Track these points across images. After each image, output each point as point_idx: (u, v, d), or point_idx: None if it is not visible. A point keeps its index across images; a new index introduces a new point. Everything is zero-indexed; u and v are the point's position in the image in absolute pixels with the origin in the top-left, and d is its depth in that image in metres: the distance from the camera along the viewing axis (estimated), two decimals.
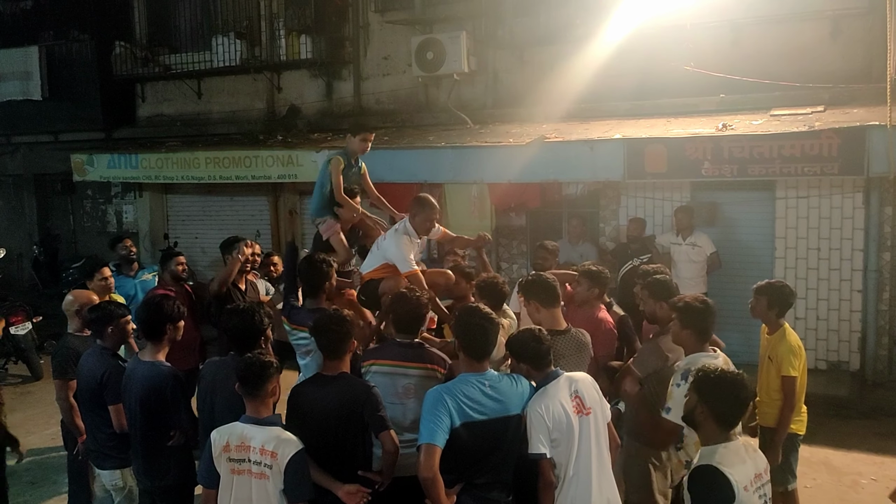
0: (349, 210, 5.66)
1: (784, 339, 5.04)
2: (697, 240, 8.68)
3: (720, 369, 3.28)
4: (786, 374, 4.96)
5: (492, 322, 3.66)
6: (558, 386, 3.64)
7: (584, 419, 3.65)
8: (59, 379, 5.11)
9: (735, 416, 3.19)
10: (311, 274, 4.89)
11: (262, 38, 12.39)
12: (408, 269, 5.01)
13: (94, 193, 14.60)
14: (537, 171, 8.98)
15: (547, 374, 3.71)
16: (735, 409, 3.17)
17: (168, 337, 4.47)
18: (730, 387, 3.16)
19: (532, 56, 10.44)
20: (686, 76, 9.10)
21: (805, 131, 7.70)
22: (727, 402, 3.15)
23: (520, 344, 3.76)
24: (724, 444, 3.13)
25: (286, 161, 10.74)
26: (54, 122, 14.07)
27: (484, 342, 3.62)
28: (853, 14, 8.65)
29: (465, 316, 3.70)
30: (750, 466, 3.14)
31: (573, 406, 3.62)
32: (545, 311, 4.39)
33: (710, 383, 3.19)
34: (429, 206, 5.24)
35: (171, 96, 13.62)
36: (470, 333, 3.62)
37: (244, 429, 3.52)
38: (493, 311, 3.78)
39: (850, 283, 8.62)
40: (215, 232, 12.65)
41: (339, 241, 5.73)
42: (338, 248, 5.70)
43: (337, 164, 5.67)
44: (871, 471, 6.59)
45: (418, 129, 10.83)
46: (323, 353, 3.88)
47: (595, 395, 3.76)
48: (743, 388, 3.17)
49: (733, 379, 3.19)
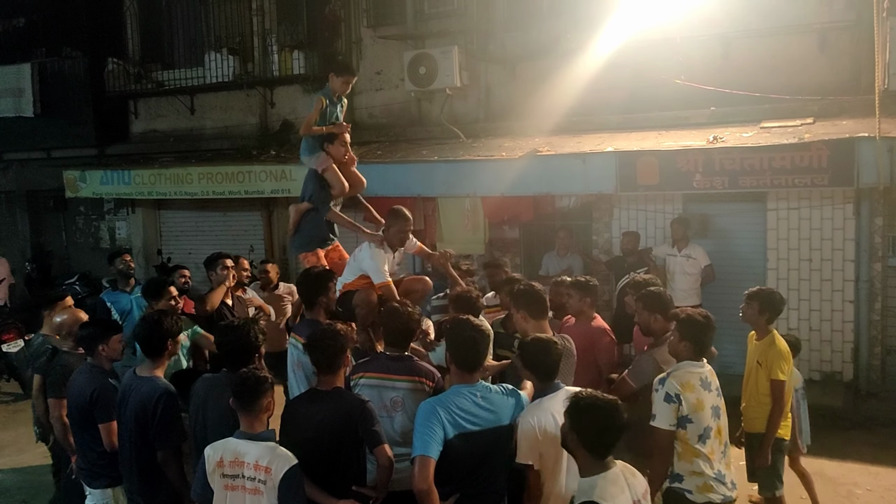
0: (337, 146, 5.79)
1: (773, 344, 5.15)
2: (692, 252, 8.69)
3: (592, 395, 3.15)
4: (775, 377, 5.04)
5: (482, 334, 3.70)
6: (554, 399, 3.66)
7: None
8: (52, 398, 5.08)
9: (606, 444, 3.07)
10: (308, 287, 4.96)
11: (254, 54, 12.44)
12: (380, 280, 5.08)
13: (87, 210, 14.57)
14: (530, 185, 9.03)
15: (548, 386, 3.74)
16: (605, 437, 3.06)
17: (169, 352, 4.46)
18: (600, 414, 3.05)
19: (524, 70, 10.50)
20: (676, 89, 9.17)
21: (795, 143, 7.76)
22: (596, 431, 3.05)
23: (530, 353, 3.80)
24: (602, 475, 3.03)
25: (279, 176, 10.76)
26: (47, 138, 14.04)
27: (475, 354, 3.65)
28: (840, 27, 8.74)
29: (456, 328, 3.73)
30: (629, 495, 3.06)
31: None
32: (533, 321, 4.44)
33: (579, 410, 3.09)
34: (402, 218, 5.30)
35: (164, 112, 13.62)
36: (461, 346, 3.65)
37: (238, 444, 3.51)
38: (483, 323, 3.80)
39: (841, 293, 8.66)
40: (209, 247, 12.54)
41: (334, 174, 5.78)
42: (333, 181, 5.78)
43: (318, 103, 5.83)
44: (866, 481, 6.60)
45: (411, 144, 10.85)
46: (317, 368, 3.89)
47: None
48: (615, 416, 3.06)
49: (604, 405, 3.08)
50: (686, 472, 3.97)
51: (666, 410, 3.92)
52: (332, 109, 5.94)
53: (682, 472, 3.98)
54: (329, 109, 5.90)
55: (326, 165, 5.77)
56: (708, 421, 3.97)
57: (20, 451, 7.71)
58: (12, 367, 9.73)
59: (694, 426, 3.93)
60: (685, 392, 3.92)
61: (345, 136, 5.86)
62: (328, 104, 5.88)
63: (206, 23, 12.87)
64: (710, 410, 4.00)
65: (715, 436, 4.01)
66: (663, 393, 3.93)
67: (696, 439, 3.95)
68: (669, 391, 3.92)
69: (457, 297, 5.04)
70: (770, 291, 5.33)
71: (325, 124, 5.89)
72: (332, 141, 5.79)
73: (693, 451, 3.96)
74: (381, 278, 5.09)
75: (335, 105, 5.98)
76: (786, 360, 5.10)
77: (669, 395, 3.92)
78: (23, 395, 9.65)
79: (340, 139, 5.82)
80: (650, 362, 4.58)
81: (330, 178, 5.78)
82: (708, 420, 3.97)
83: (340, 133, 5.84)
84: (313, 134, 5.82)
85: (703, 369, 4.08)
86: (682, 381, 3.94)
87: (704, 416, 3.96)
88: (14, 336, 9.77)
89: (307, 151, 5.92)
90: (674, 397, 3.91)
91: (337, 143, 5.79)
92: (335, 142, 5.80)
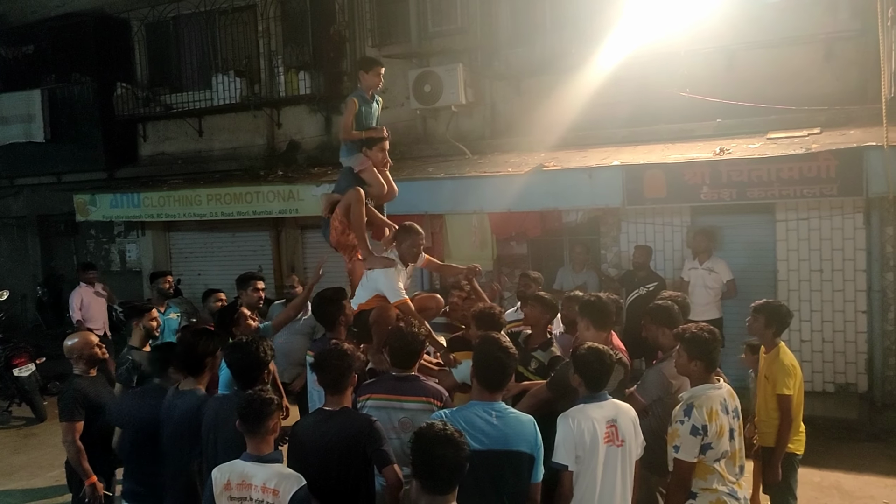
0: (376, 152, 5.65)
1: (778, 358, 5.07)
2: (715, 265, 8.52)
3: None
4: (780, 392, 4.98)
5: (510, 356, 3.68)
6: (598, 407, 3.72)
7: (614, 449, 3.70)
8: (65, 421, 5.07)
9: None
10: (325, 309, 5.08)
11: (261, 76, 12.54)
12: (397, 299, 5.05)
13: (98, 233, 14.67)
14: (537, 200, 9.01)
15: (595, 395, 3.78)
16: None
17: (209, 369, 4.49)
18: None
19: (528, 86, 10.53)
20: (682, 102, 9.17)
21: (802, 153, 7.72)
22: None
23: (582, 359, 3.84)
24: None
25: (287, 196, 10.79)
26: (57, 163, 14.16)
27: (501, 374, 3.63)
28: (846, 36, 8.73)
29: (485, 346, 3.72)
30: None
31: (605, 432, 3.67)
32: (594, 331, 4.47)
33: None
34: (414, 232, 5.30)
35: (172, 135, 13.74)
36: (487, 364, 3.63)
37: (245, 466, 3.49)
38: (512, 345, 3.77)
39: (854, 304, 8.57)
40: (218, 268, 12.68)
41: (373, 175, 5.69)
42: (371, 180, 5.68)
43: (351, 105, 5.69)
44: (884, 493, 6.51)
45: (417, 161, 10.88)
46: (324, 388, 3.87)
47: (632, 429, 3.82)
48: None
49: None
50: (699, 488, 3.93)
51: (692, 443, 3.86)
52: (367, 109, 5.83)
53: (696, 489, 3.94)
54: (364, 109, 5.79)
55: (365, 167, 5.66)
56: (726, 446, 3.93)
57: (32, 475, 7.71)
58: (24, 391, 9.74)
59: (713, 451, 3.89)
60: (711, 422, 3.86)
61: (384, 143, 5.75)
62: (362, 104, 5.77)
63: (213, 46, 13.00)
64: (727, 434, 3.95)
65: (730, 458, 3.97)
66: (689, 426, 3.85)
67: (711, 461, 3.90)
68: (696, 424, 3.84)
69: (480, 313, 4.97)
70: (777, 304, 5.26)
71: (361, 128, 5.78)
72: (370, 146, 5.68)
73: (708, 468, 3.92)
74: (397, 296, 5.06)
75: (369, 104, 5.87)
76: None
77: (696, 427, 3.84)
78: (35, 419, 9.68)
79: (380, 145, 5.71)
80: (659, 377, 4.54)
81: (368, 178, 5.67)
82: (726, 445, 3.93)
83: (381, 138, 5.73)
84: (353, 139, 5.71)
85: (721, 391, 4.02)
86: (708, 410, 3.87)
87: (724, 441, 3.91)
88: (25, 360, 9.78)
89: (346, 153, 5.81)
90: (700, 429, 3.84)
91: (376, 148, 5.68)
92: (374, 147, 5.68)
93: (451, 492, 2.92)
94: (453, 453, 2.90)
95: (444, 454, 2.89)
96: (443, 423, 3.08)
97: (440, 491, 2.90)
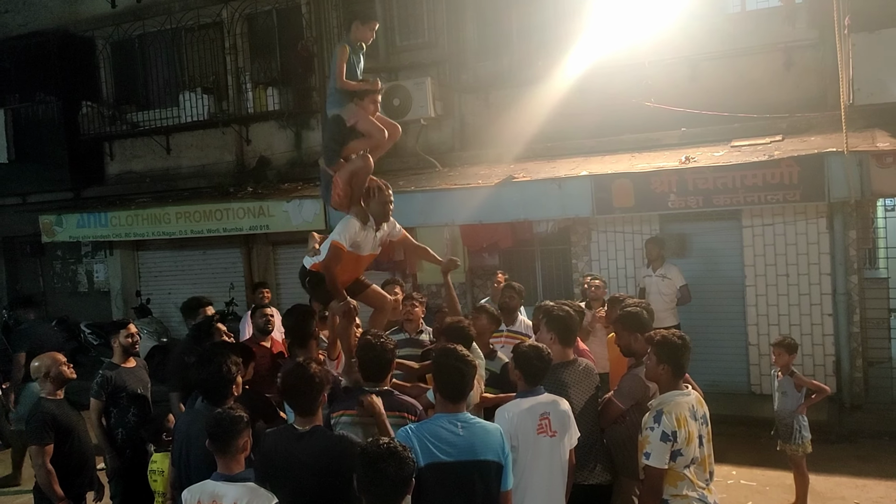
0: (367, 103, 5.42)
1: None
2: (668, 272, 8.54)
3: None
4: None
5: (468, 365, 3.65)
6: (533, 401, 4.02)
7: (547, 439, 3.96)
8: (35, 444, 4.98)
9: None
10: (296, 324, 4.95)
11: (229, 92, 12.49)
12: (335, 239, 4.93)
13: (65, 254, 14.44)
14: (507, 211, 9.08)
15: (532, 389, 4.09)
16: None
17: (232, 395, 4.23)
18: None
19: (496, 98, 10.61)
20: (647, 111, 9.29)
21: (766, 160, 7.87)
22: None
23: (524, 356, 4.12)
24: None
25: (257, 212, 10.75)
26: (22, 184, 13.92)
27: (460, 384, 3.61)
28: (804, 45, 8.93)
29: (443, 357, 3.69)
30: None
31: (538, 424, 3.94)
32: (559, 347, 4.51)
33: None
34: (379, 188, 5.21)
35: (139, 153, 13.59)
36: (446, 375, 3.62)
37: (216, 486, 3.45)
38: (469, 354, 3.77)
39: (820, 307, 8.70)
40: (189, 287, 12.51)
41: (370, 123, 5.43)
42: (370, 129, 5.43)
43: (343, 52, 5.44)
44: (854, 494, 6.60)
45: (387, 175, 10.78)
46: (294, 410, 3.82)
47: (566, 421, 4.06)
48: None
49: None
50: (670, 495, 3.94)
51: (662, 449, 3.85)
52: (355, 59, 5.60)
53: (667, 496, 3.95)
54: (353, 59, 5.56)
55: (358, 118, 5.42)
56: (695, 452, 3.95)
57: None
58: None
59: (683, 458, 3.90)
60: (680, 428, 3.86)
61: (376, 95, 5.51)
62: (352, 53, 5.52)
63: (180, 63, 12.92)
64: (696, 440, 3.98)
65: (700, 464, 4.00)
66: (660, 432, 3.84)
67: (681, 467, 3.92)
68: (666, 430, 3.83)
69: (448, 326, 4.88)
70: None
71: (352, 78, 5.52)
72: (362, 97, 5.44)
73: (678, 475, 3.92)
74: (336, 237, 4.91)
75: (357, 55, 5.64)
76: None
77: (666, 434, 3.83)
78: (1, 444, 9.46)
79: (372, 96, 5.46)
80: (636, 381, 4.54)
81: (365, 128, 5.42)
82: (695, 451, 3.95)
83: (374, 91, 5.50)
84: (348, 88, 5.43)
85: (689, 397, 4.03)
86: (677, 416, 3.87)
87: (693, 447, 3.93)
88: None
89: (336, 104, 5.50)
90: (670, 435, 3.83)
91: (368, 99, 5.44)
92: (365, 99, 5.44)
93: None
94: (396, 468, 2.94)
95: (387, 469, 2.93)
96: (388, 439, 3.13)
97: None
